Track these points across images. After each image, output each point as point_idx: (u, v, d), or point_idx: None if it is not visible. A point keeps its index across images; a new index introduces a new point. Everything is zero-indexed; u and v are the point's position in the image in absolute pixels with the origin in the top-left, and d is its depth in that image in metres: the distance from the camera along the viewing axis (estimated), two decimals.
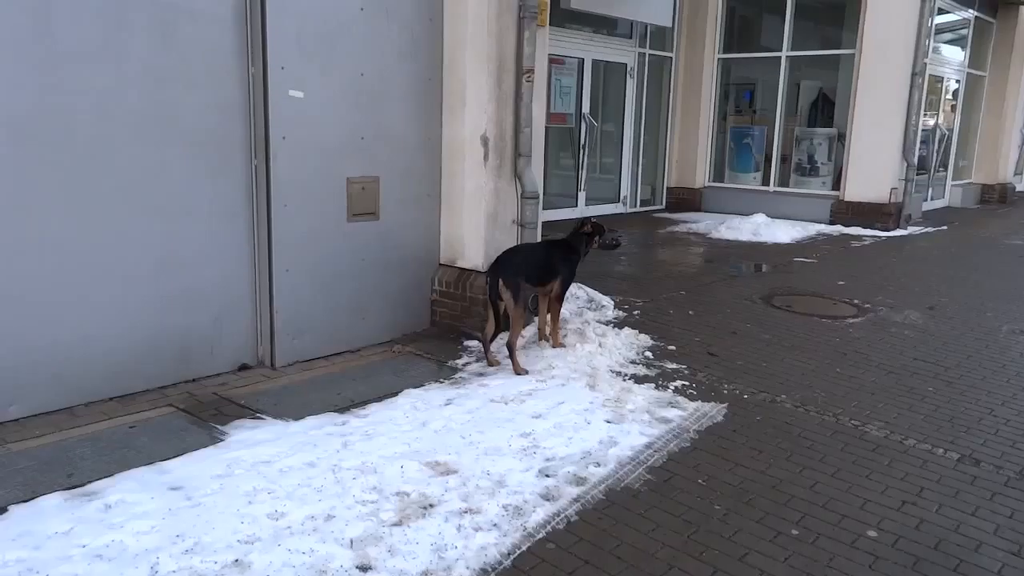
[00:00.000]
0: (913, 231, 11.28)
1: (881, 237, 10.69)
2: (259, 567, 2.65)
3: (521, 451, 3.61)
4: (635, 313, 6.15)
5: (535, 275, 4.91)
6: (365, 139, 4.98)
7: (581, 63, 11.17)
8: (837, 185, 11.89)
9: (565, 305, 5.35)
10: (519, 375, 4.63)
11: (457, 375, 4.70)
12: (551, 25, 5.85)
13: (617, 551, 2.87)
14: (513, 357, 4.69)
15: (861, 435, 3.98)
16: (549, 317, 5.18)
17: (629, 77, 12.12)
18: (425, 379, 4.60)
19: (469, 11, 5.13)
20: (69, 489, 3.14)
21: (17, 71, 3.61)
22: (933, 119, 13.58)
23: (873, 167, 11.23)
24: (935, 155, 13.95)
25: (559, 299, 5.12)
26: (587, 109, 11.40)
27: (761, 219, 10.66)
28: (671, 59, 12.75)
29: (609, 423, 3.95)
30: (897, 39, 10.84)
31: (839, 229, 11.18)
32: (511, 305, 4.68)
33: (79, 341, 3.97)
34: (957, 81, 14.41)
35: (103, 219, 3.98)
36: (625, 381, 4.59)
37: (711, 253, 9.31)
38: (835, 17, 12.13)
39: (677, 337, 5.54)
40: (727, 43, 12.82)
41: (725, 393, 4.51)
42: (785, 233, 10.36)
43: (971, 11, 13.78)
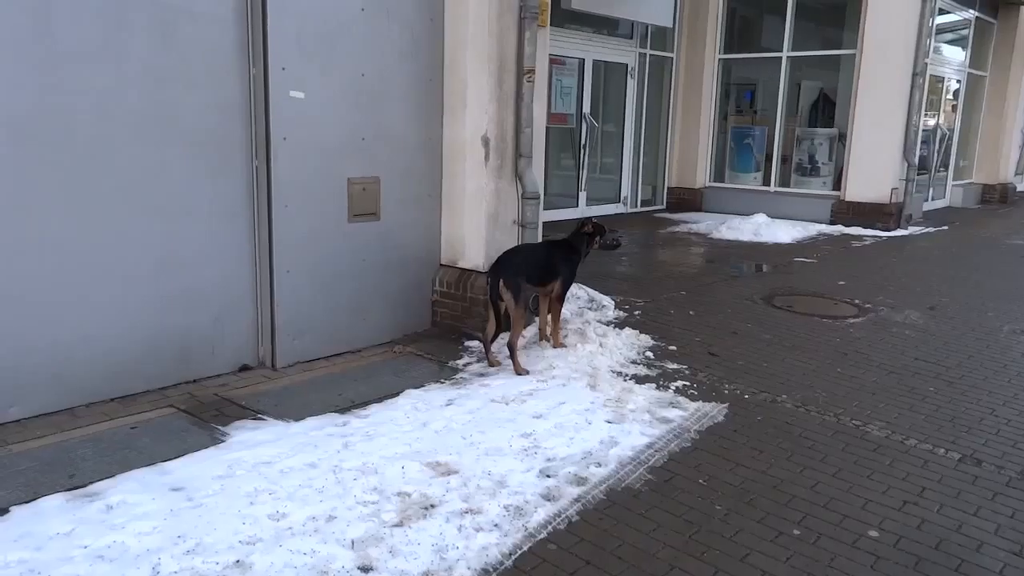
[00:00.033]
0: (914, 231, 11.28)
1: (882, 237, 10.69)
2: (260, 568, 2.65)
3: (522, 451, 3.61)
4: (636, 313, 6.15)
5: (536, 275, 4.91)
6: (366, 139, 4.98)
7: (582, 63, 11.17)
8: (838, 185, 11.89)
9: (566, 305, 5.35)
10: (520, 375, 4.63)
11: (458, 375, 4.70)
12: (552, 25, 5.84)
13: (618, 551, 2.87)
14: (514, 357, 4.70)
15: (862, 435, 3.98)
16: (550, 317, 5.18)
17: (630, 77, 12.12)
18: (426, 379, 4.60)
19: (470, 11, 5.13)
20: (70, 490, 3.14)
21: (17, 71, 3.61)
22: (934, 119, 13.58)
23: (874, 167, 11.23)
24: (936, 155, 13.95)
25: (560, 299, 5.12)
26: (588, 109, 11.40)
27: (762, 219, 10.66)
28: (672, 59, 12.75)
29: (610, 423, 3.95)
30: (898, 39, 10.83)
31: (840, 229, 11.18)
32: (512, 305, 4.68)
33: (79, 341, 3.97)
34: (958, 81, 14.41)
35: (103, 219, 3.98)
36: (626, 381, 4.59)
37: (712, 253, 9.31)
38: (836, 17, 12.13)
39: (678, 337, 5.54)
40: (728, 43, 12.82)
41: (726, 393, 4.50)
42: (786, 233, 10.35)
43: (972, 11, 13.78)
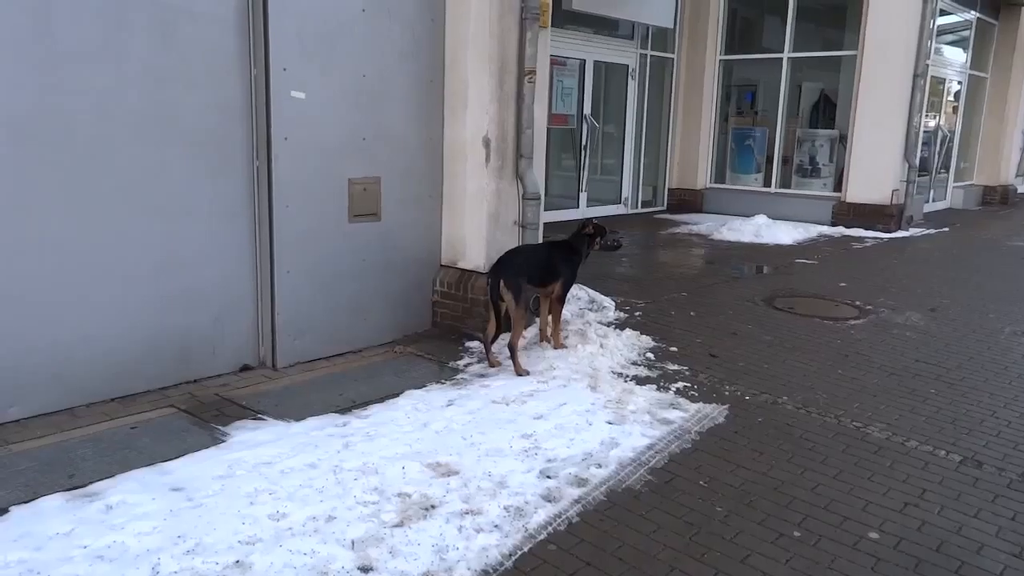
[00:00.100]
0: (915, 233, 11.27)
1: (883, 239, 10.68)
2: (260, 568, 2.65)
3: (522, 452, 3.60)
4: (636, 314, 6.14)
5: (536, 276, 4.91)
6: (366, 140, 4.97)
7: (583, 64, 11.18)
8: (839, 186, 11.88)
9: (566, 306, 5.35)
10: (520, 376, 4.62)
11: (458, 376, 4.70)
12: (552, 26, 5.84)
13: (618, 552, 2.87)
14: (514, 358, 4.69)
15: (863, 437, 3.97)
16: (550, 318, 5.18)
17: (631, 78, 12.11)
18: (426, 380, 4.59)
19: (471, 12, 5.13)
20: (70, 490, 3.14)
21: (17, 71, 3.61)
22: (935, 121, 13.57)
23: (875, 168, 11.22)
24: (937, 157, 13.94)
25: (560, 300, 5.12)
26: (589, 110, 11.41)
27: (762, 220, 10.66)
28: (672, 60, 12.74)
29: (610, 424, 3.94)
30: (899, 40, 10.83)
31: (840, 230, 11.17)
32: (512, 306, 4.68)
33: (79, 341, 3.97)
34: (959, 82, 14.41)
35: (103, 219, 3.98)
36: (626, 382, 4.58)
37: (712, 254, 9.31)
38: (836, 18, 12.12)
39: (678, 338, 5.54)
40: (728, 44, 12.82)
41: (726, 394, 4.50)
42: (786, 234, 10.35)
43: (973, 12, 13.77)
